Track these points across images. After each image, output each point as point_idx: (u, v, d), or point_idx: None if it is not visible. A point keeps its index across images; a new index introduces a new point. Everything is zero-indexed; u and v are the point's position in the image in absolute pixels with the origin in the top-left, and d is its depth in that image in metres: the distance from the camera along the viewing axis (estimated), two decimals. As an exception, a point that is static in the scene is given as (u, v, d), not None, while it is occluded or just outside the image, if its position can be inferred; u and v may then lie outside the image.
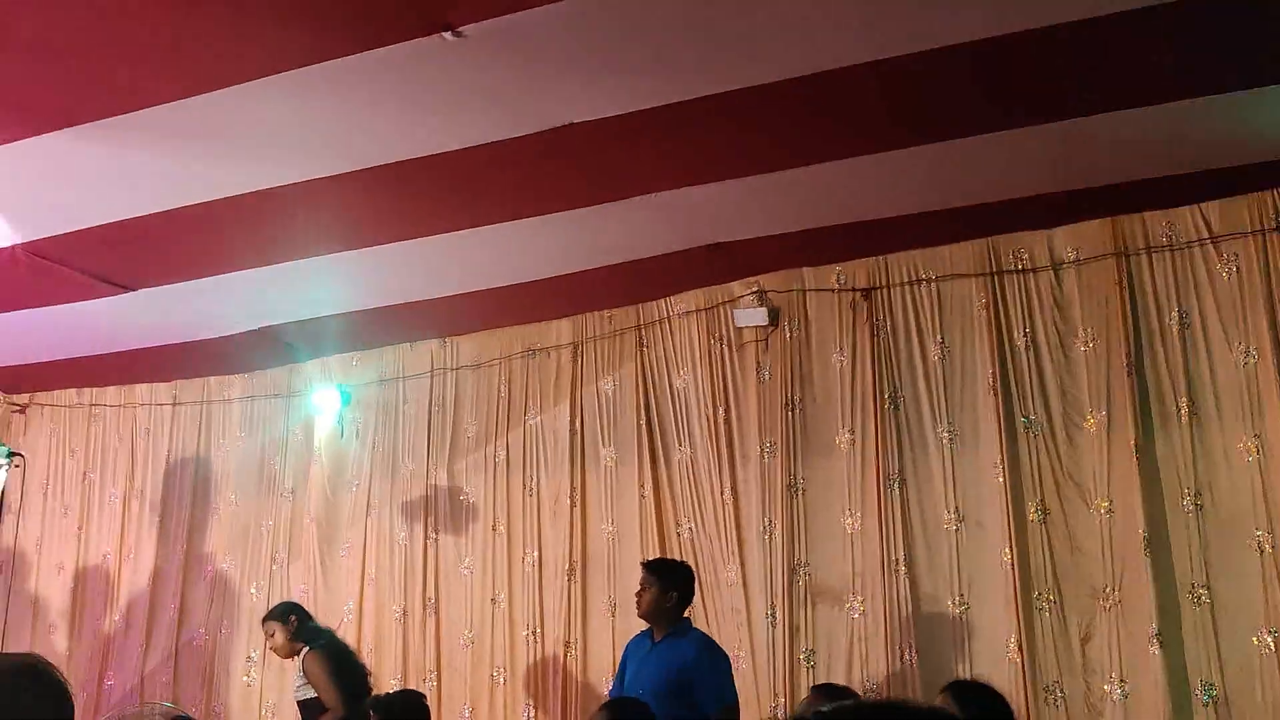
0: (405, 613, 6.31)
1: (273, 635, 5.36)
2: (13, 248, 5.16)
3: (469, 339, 6.49)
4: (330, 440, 6.81)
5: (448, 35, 3.29)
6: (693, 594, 4.66)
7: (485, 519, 6.22)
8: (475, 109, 3.88)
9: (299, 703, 5.21)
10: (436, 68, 3.53)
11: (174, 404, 7.43)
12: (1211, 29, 3.58)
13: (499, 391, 6.33)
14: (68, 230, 5.02)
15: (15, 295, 5.86)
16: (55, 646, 7.08)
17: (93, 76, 3.78)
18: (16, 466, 5.76)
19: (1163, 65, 3.85)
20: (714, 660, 4.49)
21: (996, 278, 5.11)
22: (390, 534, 6.49)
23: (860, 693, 4.63)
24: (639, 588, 4.61)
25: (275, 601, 6.69)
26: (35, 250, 5.21)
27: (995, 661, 4.78)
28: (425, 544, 6.36)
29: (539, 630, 5.89)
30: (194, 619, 6.96)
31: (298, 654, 5.23)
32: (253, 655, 6.71)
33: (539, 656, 5.86)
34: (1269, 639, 4.33)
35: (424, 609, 6.27)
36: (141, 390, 7.52)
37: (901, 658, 4.95)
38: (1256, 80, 3.90)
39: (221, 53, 3.60)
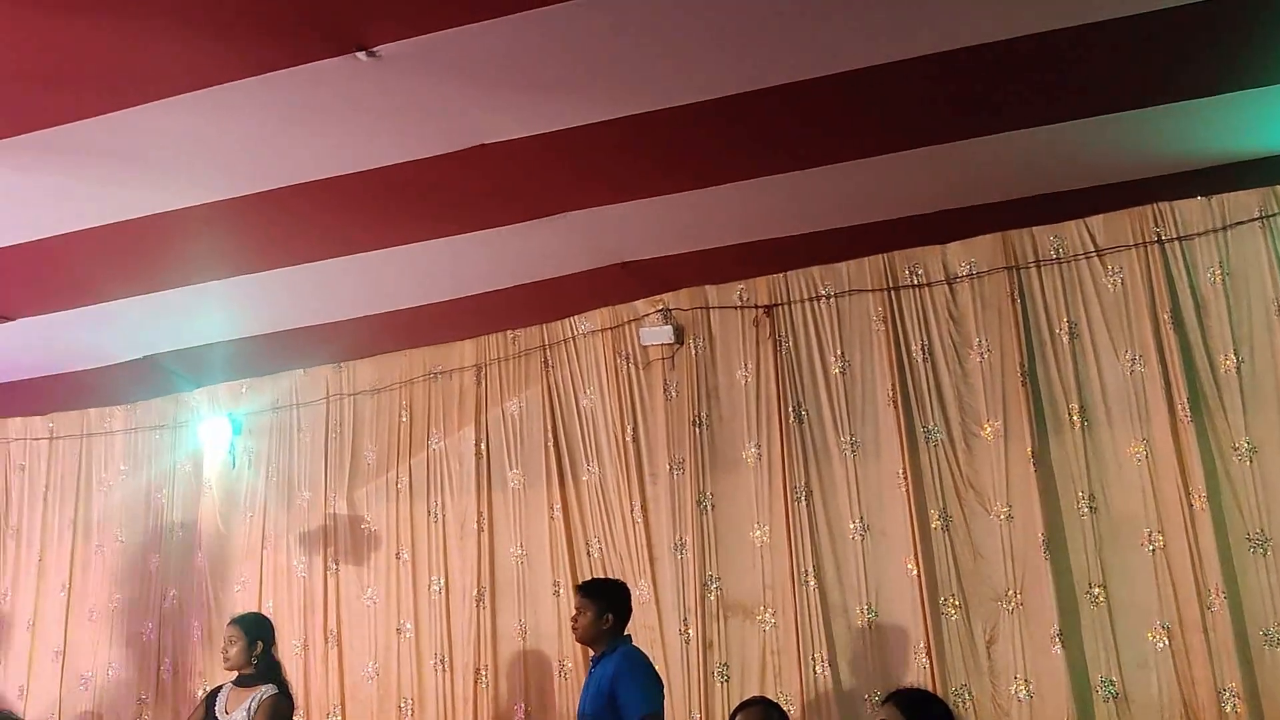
0: (306, 646, 6.14)
1: (234, 643, 4.84)
2: (-121, 280, 4.88)
3: (367, 363, 6.36)
4: (221, 471, 6.59)
5: (362, 55, 3.23)
6: (629, 612, 4.60)
7: (388, 547, 6.10)
8: (386, 129, 3.82)
9: None
10: (349, 88, 3.46)
11: (51, 438, 7.10)
12: (1100, 55, 3.74)
13: (400, 416, 6.21)
14: (-60, 260, 4.77)
15: (-121, 329, 5.54)
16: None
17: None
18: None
19: (1051, 88, 4.02)
20: (632, 670, 4.39)
21: (893, 292, 5.23)
22: (288, 566, 6.30)
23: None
24: (574, 611, 4.54)
25: (169, 643, 6.45)
26: (-97, 282, 4.94)
27: (904, 667, 4.88)
28: (325, 575, 6.20)
29: (448, 659, 5.79)
30: (80, 663, 6.64)
31: (246, 680, 4.78)
32: (144, 696, 6.45)
33: (448, 686, 5.76)
34: (1163, 635, 4.52)
35: (326, 641, 6.11)
36: (15, 424, 7.16)
37: (814, 668, 5.01)
38: (1138, 102, 4.10)
39: (120, 73, 3.47)
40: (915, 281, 5.21)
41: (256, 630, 4.88)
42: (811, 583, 5.08)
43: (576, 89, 3.64)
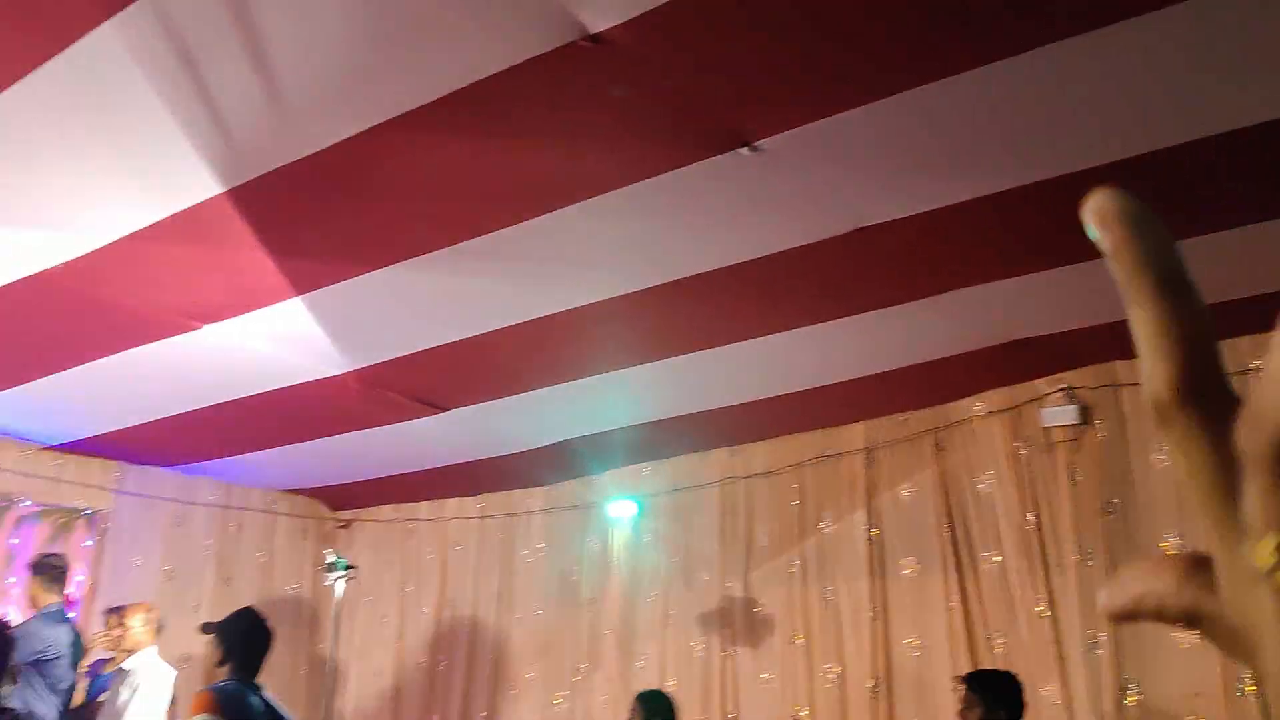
0: (705, 726, 6.27)
1: (634, 717, 5.30)
2: (344, 375, 5.64)
3: (760, 446, 6.50)
4: (627, 551, 6.94)
5: (745, 151, 3.37)
6: (1024, 708, 4.31)
7: (783, 630, 6.12)
8: (770, 219, 3.93)
9: None
10: (732, 181, 3.61)
11: (481, 517, 7.82)
12: None
13: (792, 499, 6.27)
14: (391, 357, 5.44)
15: (344, 419, 6.40)
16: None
17: (417, 214, 4.11)
18: (352, 579, 6.20)
19: None
20: None
21: (1342, 363, 4.61)
22: (688, 646, 6.49)
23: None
24: (960, 704, 4.33)
25: (579, 714, 6.80)
26: (363, 377, 5.67)
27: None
28: (723, 656, 6.32)
29: (846, 748, 5.68)
30: (502, 727, 7.19)
31: None
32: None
33: (846, 776, 5.65)
34: None
35: (724, 722, 6.21)
36: (451, 505, 7.96)
37: (1257, 790, 4.43)
38: None
39: (537, 184, 3.83)
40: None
41: (654, 707, 5.10)
42: (1248, 691, 4.50)
43: (959, 164, 3.57)
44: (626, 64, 3.04)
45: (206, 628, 4.82)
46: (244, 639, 4.56)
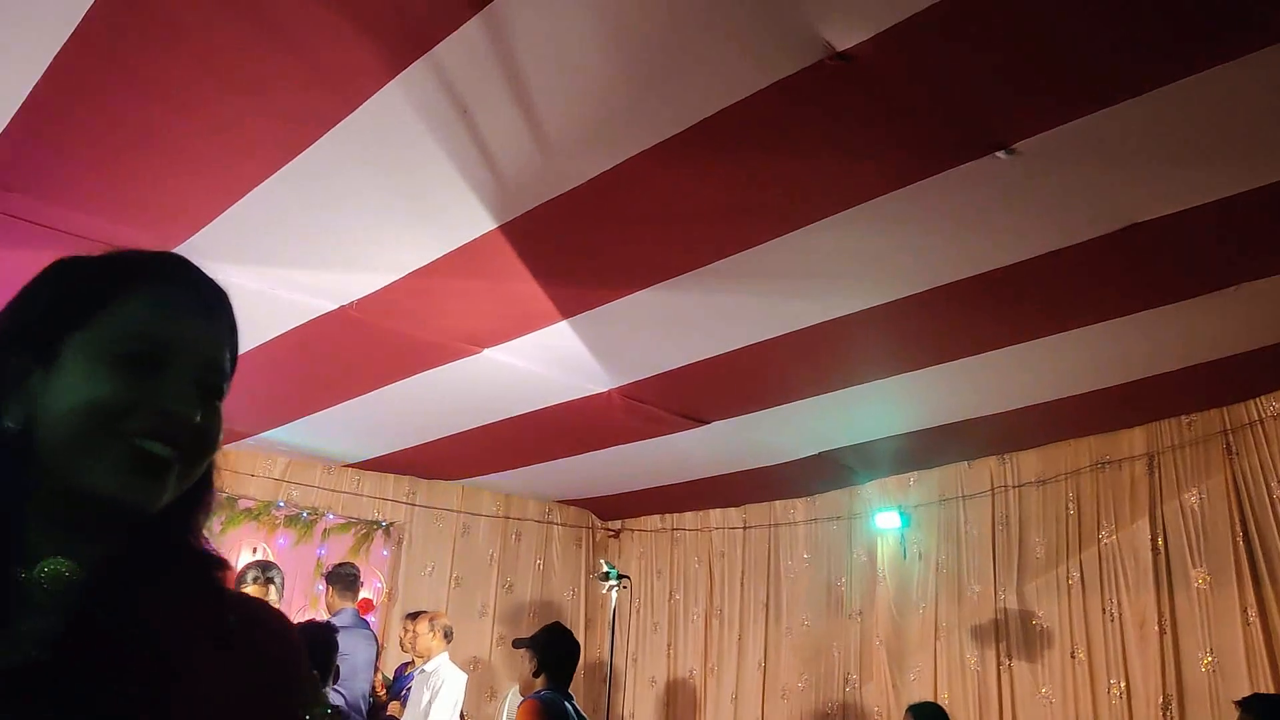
0: (983, 741, 6.10)
1: None
2: (609, 392, 5.88)
3: (1030, 454, 6.28)
4: (893, 562, 6.86)
5: (1001, 154, 3.31)
6: None
7: (1062, 645, 5.88)
8: (1031, 221, 3.82)
9: None
10: (989, 186, 3.55)
11: (744, 527, 7.93)
12: None
13: (1067, 508, 6.02)
14: (652, 374, 5.62)
15: (610, 434, 6.66)
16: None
17: (672, 237, 4.25)
18: (624, 588, 6.44)
19: None
20: None
21: None
22: (961, 659, 6.34)
23: None
24: None
25: (849, 723, 6.77)
26: (627, 393, 5.89)
27: None
28: (999, 670, 6.13)
29: (1135, 770, 5.40)
30: (775, 736, 7.24)
31: None
32: (830, 775, 6.83)
33: (1136, 799, 5.37)
34: None
35: (1002, 738, 6.03)
36: (715, 515, 8.11)
37: None
38: None
39: (787, 201, 3.89)
40: None
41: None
42: None
43: (1234, 155, 3.36)
44: (875, 78, 3.06)
45: (518, 643, 5.13)
46: (555, 652, 4.84)
